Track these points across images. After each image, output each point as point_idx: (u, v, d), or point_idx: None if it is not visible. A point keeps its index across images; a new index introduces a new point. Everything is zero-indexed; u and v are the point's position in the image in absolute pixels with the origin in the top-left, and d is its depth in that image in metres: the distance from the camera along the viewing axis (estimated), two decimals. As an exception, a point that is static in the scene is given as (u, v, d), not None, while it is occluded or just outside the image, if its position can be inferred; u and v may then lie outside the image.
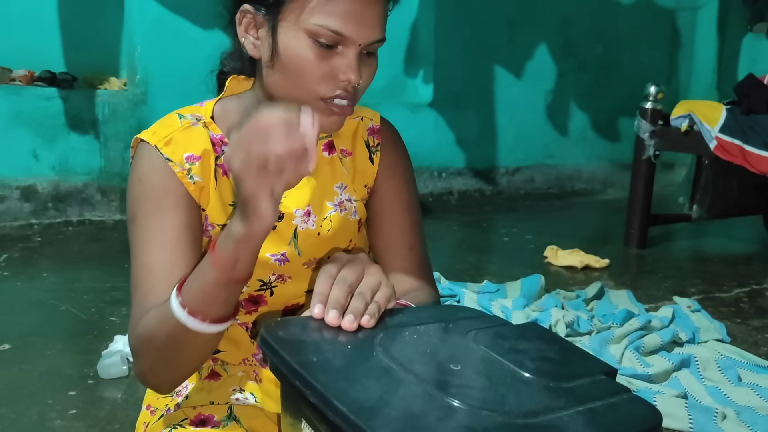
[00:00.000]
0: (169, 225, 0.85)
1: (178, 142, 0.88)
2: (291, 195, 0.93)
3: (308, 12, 0.80)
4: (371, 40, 0.83)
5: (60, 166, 3.16)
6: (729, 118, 2.86)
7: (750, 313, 2.36)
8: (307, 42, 0.81)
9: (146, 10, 3.21)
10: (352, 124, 1.00)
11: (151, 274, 0.84)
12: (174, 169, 0.87)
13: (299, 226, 0.93)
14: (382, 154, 0.99)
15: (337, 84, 0.83)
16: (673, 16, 5.07)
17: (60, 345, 1.85)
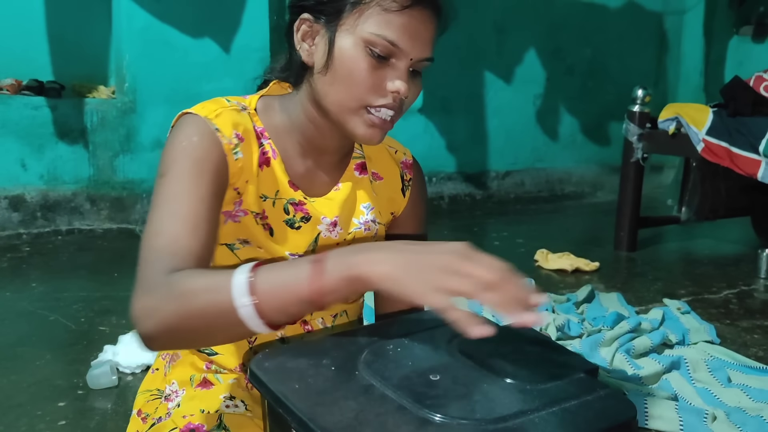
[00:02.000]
0: (204, 185, 0.83)
1: (227, 118, 0.88)
2: (321, 204, 0.96)
3: (366, 21, 0.83)
4: (422, 56, 0.87)
5: (48, 175, 3.14)
6: (715, 120, 2.88)
7: (739, 314, 2.37)
8: (362, 50, 0.84)
9: (134, 18, 3.21)
10: (386, 151, 1.04)
11: (182, 223, 0.79)
12: (222, 140, 0.87)
13: (322, 233, 0.95)
14: (411, 190, 1.05)
15: (384, 94, 0.86)
16: (660, 19, 5.11)
17: (49, 355, 1.84)
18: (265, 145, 0.93)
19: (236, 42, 3.42)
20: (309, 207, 0.94)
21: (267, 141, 0.93)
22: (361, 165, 1.01)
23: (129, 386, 1.66)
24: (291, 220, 0.94)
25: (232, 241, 0.93)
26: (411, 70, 0.87)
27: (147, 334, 0.74)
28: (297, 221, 0.94)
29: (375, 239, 1.00)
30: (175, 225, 0.79)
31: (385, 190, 1.02)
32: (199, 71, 3.35)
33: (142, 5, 3.21)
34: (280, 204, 0.93)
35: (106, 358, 1.73)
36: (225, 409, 0.90)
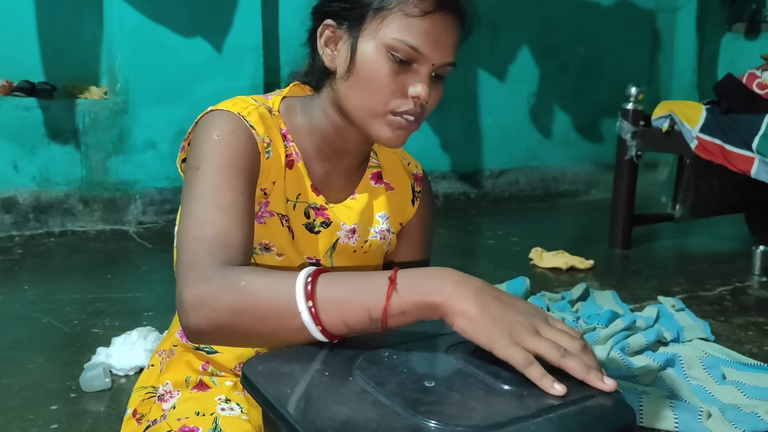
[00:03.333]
0: (243, 179, 0.82)
1: (258, 117, 0.88)
2: (341, 210, 0.96)
3: (389, 27, 0.84)
4: (445, 61, 0.87)
5: (41, 177, 3.12)
6: (709, 117, 2.88)
7: (733, 311, 2.37)
8: (384, 56, 0.84)
9: (126, 19, 3.19)
10: (399, 162, 1.05)
11: (228, 214, 0.78)
12: (257, 138, 0.87)
13: (341, 239, 0.96)
14: (420, 203, 1.06)
15: (406, 100, 0.86)
16: (653, 17, 5.12)
17: (42, 358, 1.83)
18: (288, 147, 0.93)
19: (229, 41, 3.41)
20: (329, 212, 0.94)
21: (290, 143, 0.93)
22: (377, 174, 1.01)
23: (122, 388, 1.65)
24: (311, 224, 0.94)
25: (254, 245, 0.92)
26: (434, 75, 0.88)
27: (196, 326, 0.71)
28: (317, 226, 0.94)
29: (388, 248, 1.01)
30: (221, 216, 0.77)
31: (397, 201, 1.03)
32: (191, 71, 3.34)
33: (134, 5, 3.19)
34: (301, 207, 0.93)
35: (99, 360, 1.72)
36: (220, 412, 0.90)
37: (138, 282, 2.47)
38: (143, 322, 2.02)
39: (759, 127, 2.73)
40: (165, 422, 0.91)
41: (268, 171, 0.89)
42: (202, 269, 0.73)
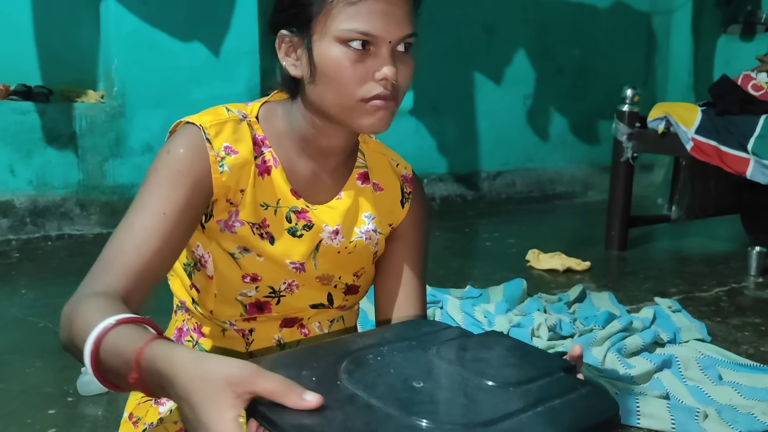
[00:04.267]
0: (173, 199, 0.84)
1: (222, 130, 0.89)
2: (324, 212, 0.96)
3: (335, 20, 0.84)
4: (400, 35, 0.86)
5: (37, 181, 3.12)
6: (704, 119, 2.89)
7: (730, 312, 2.38)
8: (339, 49, 0.84)
9: (122, 22, 3.19)
10: (387, 163, 1.04)
11: (130, 235, 0.81)
12: (210, 152, 0.87)
13: (324, 241, 0.95)
14: (411, 206, 1.04)
15: (375, 84, 0.85)
16: (648, 19, 5.14)
17: (39, 362, 1.83)
18: (265, 154, 0.93)
19: (225, 45, 3.41)
20: (311, 215, 0.94)
21: (268, 149, 0.93)
22: (364, 174, 1.00)
23: (120, 393, 1.65)
24: (293, 228, 0.93)
25: (233, 249, 0.92)
26: (400, 50, 0.87)
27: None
28: (299, 229, 0.93)
29: (376, 249, 1.01)
30: (124, 237, 0.82)
31: (385, 202, 1.02)
32: (188, 75, 3.34)
33: (130, 9, 3.20)
34: (281, 212, 0.93)
35: (96, 364, 1.72)
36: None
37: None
38: (140, 325, 2.02)
39: (754, 128, 2.74)
40: (162, 426, 0.91)
41: (224, 183, 0.88)
42: (80, 290, 0.79)
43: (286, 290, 0.95)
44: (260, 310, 0.96)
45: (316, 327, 1.01)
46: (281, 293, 0.95)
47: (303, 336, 1.00)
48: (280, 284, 0.95)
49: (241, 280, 0.93)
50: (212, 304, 0.96)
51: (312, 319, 1.01)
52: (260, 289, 0.94)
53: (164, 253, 0.83)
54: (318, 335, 1.02)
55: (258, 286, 0.94)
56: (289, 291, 0.96)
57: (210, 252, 0.93)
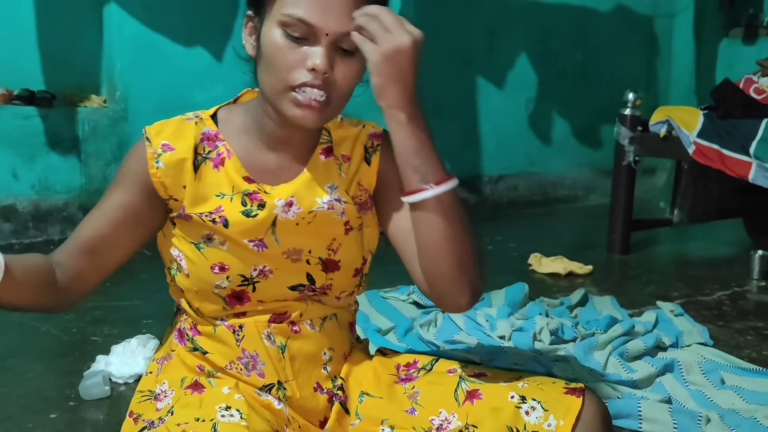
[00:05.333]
0: (118, 200, 0.98)
1: (163, 130, 0.98)
2: (279, 190, 0.98)
3: (280, 4, 0.87)
4: (339, 30, 0.86)
5: (40, 185, 3.13)
6: (706, 123, 2.89)
7: (732, 316, 2.38)
8: (279, 33, 0.87)
9: (125, 27, 3.20)
10: (354, 131, 1.05)
11: (89, 218, 1.00)
12: (148, 150, 0.96)
13: (279, 215, 0.97)
14: (381, 152, 1.04)
15: (305, 72, 0.87)
16: (650, 23, 5.14)
17: (40, 367, 1.83)
18: (219, 147, 0.98)
19: (228, 50, 3.42)
20: (263, 195, 0.97)
21: (221, 143, 0.98)
22: (327, 149, 1.02)
23: (122, 397, 1.65)
24: (248, 210, 0.96)
25: (198, 239, 0.97)
26: (342, 49, 0.88)
27: None
28: (254, 210, 0.96)
29: (344, 218, 1.00)
30: (87, 219, 1.01)
31: (351, 169, 1.03)
32: (190, 79, 3.35)
33: (133, 14, 3.21)
34: (237, 198, 0.96)
35: (98, 368, 1.72)
36: (220, 418, 0.90)
37: (137, 290, 2.47)
38: (142, 329, 2.02)
39: (756, 131, 2.74)
40: (164, 426, 0.91)
41: (161, 180, 0.95)
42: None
43: (259, 276, 0.97)
44: (239, 300, 0.98)
45: (308, 325, 1.02)
46: (254, 279, 0.97)
47: (294, 333, 1.01)
48: (251, 271, 0.97)
49: (211, 272, 0.96)
50: (196, 301, 0.99)
51: (303, 317, 1.01)
52: (231, 279, 0.96)
53: (111, 240, 0.98)
54: (310, 333, 1.02)
55: (228, 276, 0.96)
56: (263, 277, 0.97)
57: (181, 249, 0.98)
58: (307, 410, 1.02)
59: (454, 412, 0.96)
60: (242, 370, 1.00)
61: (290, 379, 1.01)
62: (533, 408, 0.93)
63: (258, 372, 1.00)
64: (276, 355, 1.00)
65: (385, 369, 1.06)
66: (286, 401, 1.00)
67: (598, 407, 0.95)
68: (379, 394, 1.02)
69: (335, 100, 0.90)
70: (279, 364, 1.00)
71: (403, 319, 2.14)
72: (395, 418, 0.99)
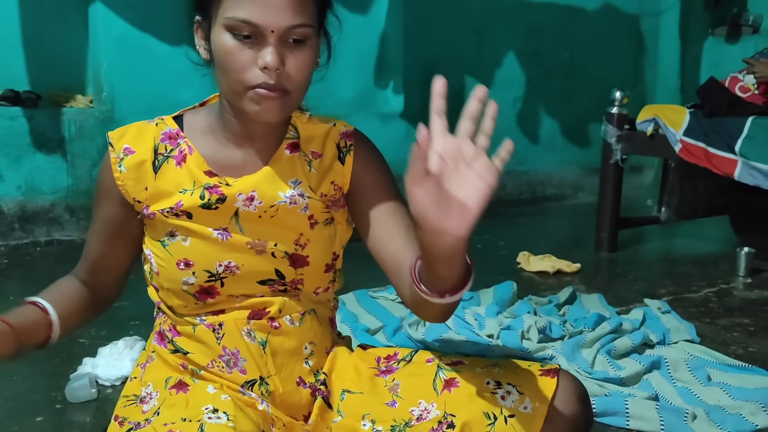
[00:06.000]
0: (102, 210, 1.04)
1: (124, 135, 1.00)
2: (240, 183, 0.98)
3: (223, 8, 0.88)
4: (284, 25, 0.86)
5: (26, 186, 3.10)
6: (692, 121, 2.91)
7: (718, 313, 2.40)
8: (227, 36, 0.88)
9: (111, 27, 3.18)
10: (323, 128, 1.05)
11: (89, 238, 1.09)
12: (111, 154, 0.99)
13: (240, 208, 0.98)
14: (355, 153, 1.04)
15: (258, 72, 0.88)
16: (636, 22, 5.17)
17: (27, 369, 1.81)
18: (181, 144, 1.00)
19: (215, 49, 3.41)
20: (223, 188, 0.97)
21: (183, 140, 1.00)
22: (293, 144, 1.02)
23: (108, 399, 1.64)
24: (207, 203, 0.97)
25: (162, 237, 0.98)
26: (291, 41, 0.88)
27: None
28: (213, 203, 0.97)
29: (308, 213, 1.00)
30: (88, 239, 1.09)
31: (321, 166, 1.03)
32: (178, 79, 3.32)
33: (119, 13, 3.19)
34: (197, 192, 0.97)
35: (85, 371, 1.71)
36: (207, 419, 0.90)
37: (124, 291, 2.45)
38: (130, 331, 2.01)
39: (742, 130, 2.76)
40: (150, 427, 0.91)
41: (124, 183, 0.99)
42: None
43: (225, 272, 0.98)
44: (209, 295, 0.98)
45: (287, 320, 1.02)
46: (221, 275, 0.98)
47: (273, 329, 1.01)
48: (215, 266, 0.97)
49: (177, 268, 0.97)
50: (170, 300, 1.00)
51: (283, 312, 1.01)
52: (198, 275, 0.97)
53: (109, 253, 1.07)
54: (290, 329, 1.02)
55: (194, 272, 0.97)
56: (230, 272, 0.98)
57: (150, 248, 1.00)
58: (291, 405, 1.02)
59: (433, 402, 0.97)
60: (224, 368, 1.00)
61: (272, 374, 1.01)
62: (508, 392, 0.94)
63: (240, 369, 1.00)
64: (257, 351, 1.00)
65: (365, 363, 1.07)
66: (269, 397, 1.00)
67: (573, 385, 0.96)
68: (360, 389, 1.03)
69: (293, 92, 0.91)
70: (260, 360, 1.00)
71: (392, 319, 2.14)
72: (376, 412, 0.99)
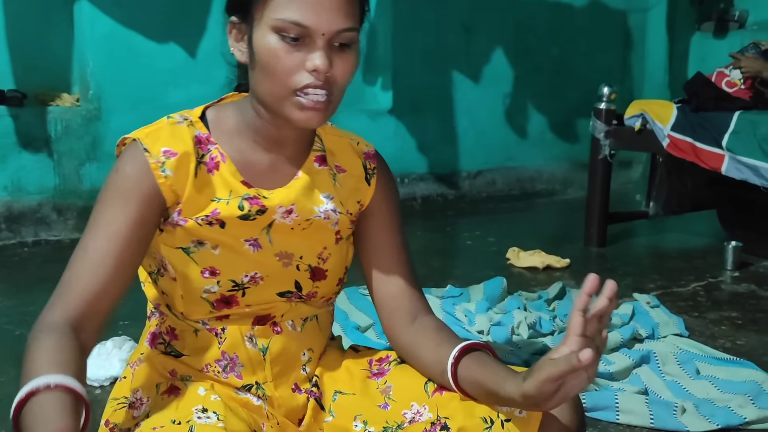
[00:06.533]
0: (123, 217, 0.88)
1: (159, 137, 0.92)
2: (278, 194, 0.96)
3: (270, 9, 0.85)
4: (335, 28, 0.86)
5: (12, 186, 3.08)
6: (680, 116, 2.93)
7: (707, 307, 2.41)
8: (274, 37, 0.85)
9: (97, 25, 3.16)
10: (347, 143, 1.05)
11: (85, 259, 0.87)
12: (149, 160, 0.89)
13: (276, 219, 0.96)
14: (378, 178, 1.04)
15: (306, 75, 0.86)
16: (624, 17, 5.18)
17: (14, 371, 1.80)
18: (212, 151, 0.95)
19: (202, 47, 3.39)
20: (264, 201, 0.95)
21: (214, 146, 0.95)
22: (321, 158, 1.01)
23: (97, 400, 1.63)
24: (246, 214, 0.94)
25: (187, 244, 0.94)
26: (337, 45, 0.87)
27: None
28: (253, 214, 0.95)
29: (337, 228, 1.00)
30: (80, 261, 0.87)
31: (348, 181, 1.02)
32: (165, 77, 3.31)
33: (105, 11, 3.16)
34: (234, 202, 0.94)
35: (73, 371, 1.70)
36: (197, 420, 0.89)
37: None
38: (118, 331, 2.00)
39: (728, 124, 2.78)
40: (139, 430, 0.90)
41: (170, 187, 0.91)
42: (42, 315, 0.86)
43: (249, 282, 0.96)
44: (228, 305, 0.96)
45: (289, 325, 1.01)
46: (245, 285, 0.96)
47: (275, 334, 1.00)
48: (242, 276, 0.95)
49: (201, 276, 0.94)
50: (181, 305, 0.97)
51: (285, 316, 1.00)
52: (222, 284, 0.95)
53: (119, 274, 0.87)
54: (291, 334, 1.02)
55: (219, 281, 0.95)
56: (254, 283, 0.96)
57: (165, 255, 0.95)
58: (286, 409, 1.02)
59: (425, 404, 0.97)
60: (219, 373, 0.99)
61: (269, 380, 1.01)
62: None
63: (236, 374, 1.00)
64: (257, 357, 0.99)
65: (358, 365, 1.07)
66: (266, 400, 1.00)
67: None
68: (352, 391, 1.03)
69: (336, 98, 0.90)
70: (259, 367, 1.00)
71: (382, 316, 2.14)
72: (368, 414, 0.99)
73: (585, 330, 0.81)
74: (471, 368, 0.92)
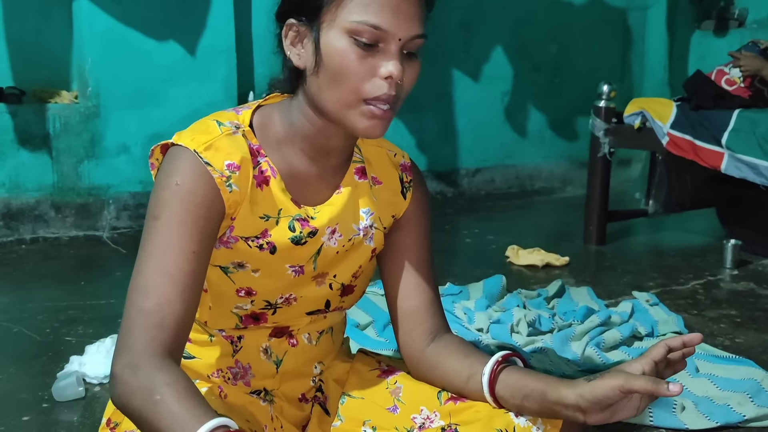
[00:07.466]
0: (197, 234, 0.83)
1: (218, 148, 0.86)
2: (324, 213, 0.93)
3: (346, 11, 0.81)
4: (411, 34, 0.84)
5: (10, 183, 3.07)
6: (679, 114, 2.92)
7: (706, 305, 2.41)
8: (347, 41, 0.82)
9: (95, 21, 3.15)
10: (383, 154, 1.02)
11: (171, 283, 0.80)
12: (213, 174, 0.84)
13: (325, 243, 0.94)
14: (413, 191, 1.02)
15: (379, 82, 0.83)
16: (623, 15, 5.18)
17: (13, 368, 1.80)
18: (262, 164, 0.90)
19: (201, 44, 3.38)
20: (314, 222, 0.92)
21: (264, 159, 0.90)
22: (361, 169, 0.99)
23: (96, 397, 1.63)
24: (298, 237, 0.92)
25: (227, 264, 0.91)
26: (405, 53, 0.85)
27: (114, 398, 0.80)
28: (304, 237, 0.92)
29: (372, 245, 0.99)
30: (163, 285, 0.80)
31: (384, 194, 1.00)
32: (163, 74, 3.30)
33: (103, 8, 3.15)
34: (284, 222, 0.91)
35: (72, 369, 1.70)
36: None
37: (112, 288, 2.43)
38: (118, 329, 1.99)
39: (728, 122, 2.77)
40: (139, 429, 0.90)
41: (235, 202, 0.87)
42: (136, 354, 0.77)
43: (283, 303, 0.95)
44: (256, 321, 0.95)
45: (305, 338, 1.01)
46: (278, 306, 0.94)
47: (291, 346, 1.00)
48: (277, 298, 0.94)
49: (236, 294, 0.92)
50: (207, 315, 0.95)
51: (302, 330, 1.00)
52: (255, 303, 0.93)
53: (199, 293, 0.84)
54: (306, 347, 1.02)
55: (253, 300, 0.93)
56: (287, 303, 0.95)
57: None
58: (291, 416, 1.02)
59: (436, 411, 0.95)
60: (230, 379, 0.99)
61: (276, 388, 1.01)
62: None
63: (245, 381, 0.99)
64: (270, 370, 0.99)
65: (367, 366, 1.06)
66: (272, 404, 1.00)
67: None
68: (361, 395, 1.02)
69: (398, 107, 0.88)
70: (270, 379, 0.99)
71: (381, 314, 2.14)
72: (377, 419, 0.98)
73: (661, 362, 0.82)
74: (514, 373, 0.90)
